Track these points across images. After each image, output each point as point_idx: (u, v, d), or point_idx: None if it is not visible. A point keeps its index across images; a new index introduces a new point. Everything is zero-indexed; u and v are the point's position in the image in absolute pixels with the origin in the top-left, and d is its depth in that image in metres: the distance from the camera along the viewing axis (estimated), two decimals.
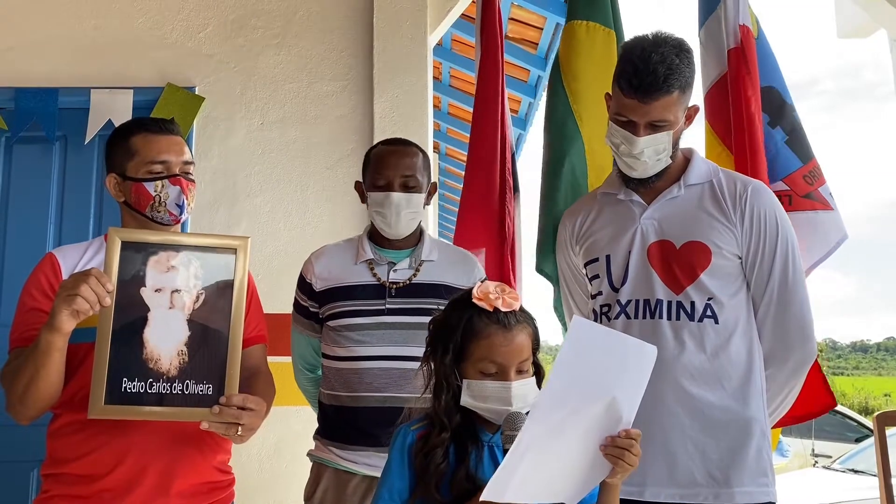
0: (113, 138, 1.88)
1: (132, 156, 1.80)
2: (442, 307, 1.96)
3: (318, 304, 2.05)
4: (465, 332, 1.48)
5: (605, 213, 2.00)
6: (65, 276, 1.72)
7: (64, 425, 1.72)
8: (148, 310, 1.63)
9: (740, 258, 1.88)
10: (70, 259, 1.78)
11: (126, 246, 1.62)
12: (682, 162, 1.95)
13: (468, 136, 2.93)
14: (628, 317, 1.88)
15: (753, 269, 1.88)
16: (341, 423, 1.99)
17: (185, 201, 1.82)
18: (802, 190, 2.45)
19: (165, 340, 1.63)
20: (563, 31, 2.63)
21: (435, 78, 5.75)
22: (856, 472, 5.93)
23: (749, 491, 1.80)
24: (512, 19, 5.37)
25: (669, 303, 1.85)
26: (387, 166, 2.02)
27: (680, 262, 1.86)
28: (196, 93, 3.28)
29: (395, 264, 2.04)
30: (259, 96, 3.33)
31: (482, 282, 1.53)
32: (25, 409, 1.65)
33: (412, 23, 3.34)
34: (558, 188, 2.50)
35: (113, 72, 3.28)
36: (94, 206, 3.22)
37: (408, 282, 2.02)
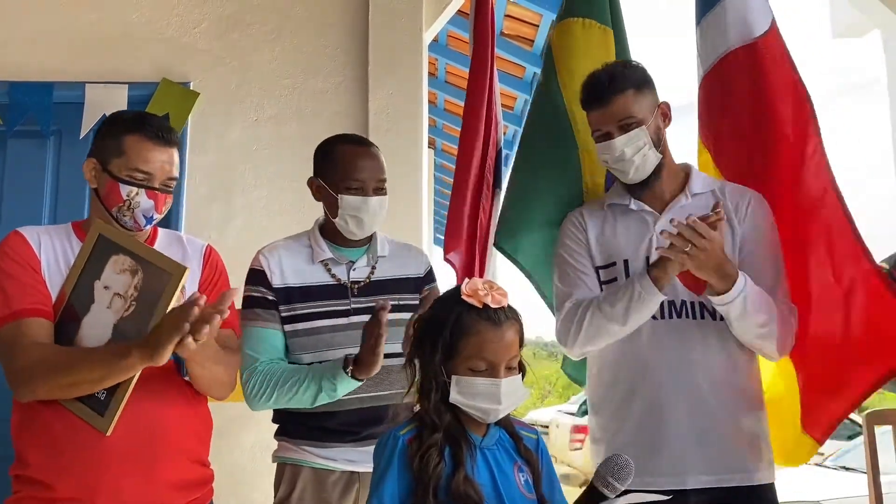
0: (109, 127, 1.83)
1: (120, 154, 1.77)
2: (402, 301, 1.98)
3: (276, 298, 1.96)
4: (454, 330, 1.46)
5: (618, 223, 2.06)
6: (40, 257, 1.73)
7: (26, 420, 1.71)
8: (93, 301, 1.69)
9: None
10: (40, 242, 1.76)
11: (101, 239, 1.70)
12: (683, 176, 2.08)
13: None
14: (654, 318, 1.94)
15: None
16: (316, 425, 1.94)
17: (156, 215, 1.81)
18: None
19: (92, 335, 1.69)
20: (557, 28, 2.51)
21: (431, 74, 5.75)
22: (847, 469, 5.94)
23: (768, 473, 1.97)
24: (508, 16, 5.37)
25: (692, 303, 1.96)
26: (361, 169, 1.96)
27: None
28: (191, 88, 3.27)
29: (353, 263, 2.01)
30: (254, 92, 3.32)
31: (469, 279, 1.52)
32: (49, 393, 1.64)
33: (408, 19, 3.35)
34: (539, 179, 2.41)
35: (108, 66, 3.27)
36: (88, 200, 3.20)
37: (367, 280, 2.00)
